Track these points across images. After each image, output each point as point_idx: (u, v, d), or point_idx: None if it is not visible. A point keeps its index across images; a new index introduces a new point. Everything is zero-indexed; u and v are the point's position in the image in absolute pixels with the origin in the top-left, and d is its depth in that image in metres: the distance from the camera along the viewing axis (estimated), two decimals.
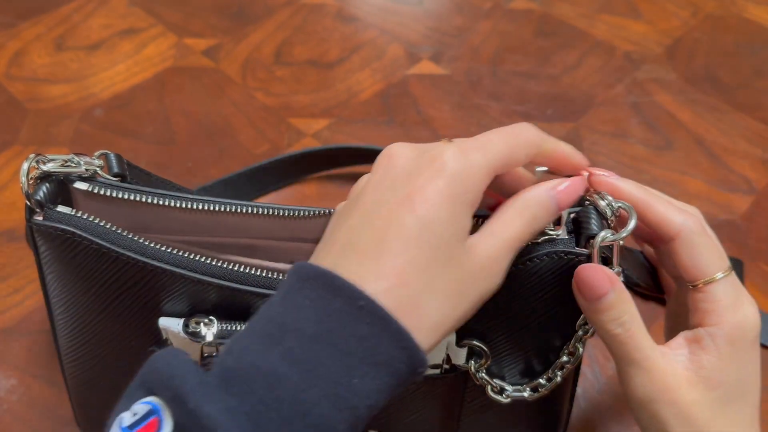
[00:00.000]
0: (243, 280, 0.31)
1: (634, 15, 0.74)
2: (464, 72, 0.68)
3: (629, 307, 0.30)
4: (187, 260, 0.31)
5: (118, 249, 0.30)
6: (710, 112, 0.64)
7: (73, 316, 0.34)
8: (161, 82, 0.66)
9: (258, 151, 0.60)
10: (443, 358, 0.33)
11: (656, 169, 0.59)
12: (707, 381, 0.30)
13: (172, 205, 0.32)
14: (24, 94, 0.65)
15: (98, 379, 0.37)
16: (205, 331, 0.31)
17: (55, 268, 0.32)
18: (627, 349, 0.30)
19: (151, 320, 0.32)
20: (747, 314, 0.30)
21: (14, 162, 0.59)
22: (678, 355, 0.30)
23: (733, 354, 0.30)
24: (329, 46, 0.70)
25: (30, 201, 0.30)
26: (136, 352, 0.34)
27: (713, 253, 0.31)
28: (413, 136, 0.61)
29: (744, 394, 0.30)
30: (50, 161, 0.30)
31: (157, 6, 0.75)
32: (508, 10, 0.75)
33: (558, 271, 0.30)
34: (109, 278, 0.32)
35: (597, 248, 0.29)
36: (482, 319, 0.31)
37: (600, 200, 0.30)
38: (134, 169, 0.34)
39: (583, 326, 0.32)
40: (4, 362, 0.47)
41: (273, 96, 0.65)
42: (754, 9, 0.75)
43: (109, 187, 0.32)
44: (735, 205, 0.56)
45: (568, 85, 0.66)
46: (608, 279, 0.29)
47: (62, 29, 0.72)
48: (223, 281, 0.31)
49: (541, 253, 0.30)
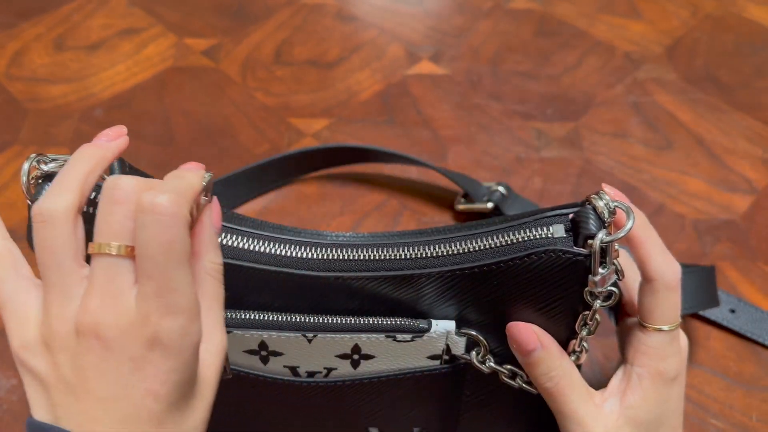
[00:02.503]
0: (248, 257, 0.31)
1: (634, 15, 0.74)
2: (464, 72, 0.68)
3: (559, 363, 0.33)
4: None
5: None
6: (710, 112, 0.64)
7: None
8: (161, 82, 0.66)
9: (258, 151, 0.60)
10: (443, 349, 0.33)
11: (656, 169, 0.59)
12: (633, 420, 0.33)
13: None
14: (24, 94, 0.65)
15: None
16: None
17: None
18: (558, 402, 0.33)
19: None
20: (670, 364, 0.33)
21: (14, 162, 0.59)
22: (609, 403, 0.33)
23: (655, 394, 0.33)
24: (329, 46, 0.70)
25: (32, 201, 0.30)
26: None
27: (672, 309, 0.33)
28: (413, 136, 0.61)
29: (663, 425, 0.34)
30: (51, 161, 0.30)
31: (157, 6, 0.75)
32: (508, 10, 0.75)
33: (555, 269, 0.30)
34: None
35: (598, 248, 0.29)
36: (482, 310, 0.32)
37: (598, 200, 0.30)
38: (135, 171, 0.34)
39: (583, 326, 0.32)
40: (4, 362, 0.47)
41: (273, 96, 0.65)
42: (754, 9, 0.75)
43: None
44: (735, 205, 0.56)
45: (568, 84, 0.66)
46: (535, 336, 0.32)
47: (62, 29, 0.72)
48: (230, 260, 0.31)
49: (539, 251, 0.30)
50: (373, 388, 0.35)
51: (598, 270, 0.29)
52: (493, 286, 0.31)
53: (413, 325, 0.32)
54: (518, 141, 0.61)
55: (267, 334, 0.32)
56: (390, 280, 0.31)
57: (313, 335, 0.32)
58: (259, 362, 0.33)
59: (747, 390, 0.46)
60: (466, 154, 0.60)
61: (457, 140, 0.61)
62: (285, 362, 0.33)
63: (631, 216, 0.29)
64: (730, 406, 0.45)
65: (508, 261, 0.30)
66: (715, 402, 0.45)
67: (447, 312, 0.32)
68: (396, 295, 0.31)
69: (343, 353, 0.33)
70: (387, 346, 0.33)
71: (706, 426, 0.44)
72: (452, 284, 0.31)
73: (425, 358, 0.33)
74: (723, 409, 0.45)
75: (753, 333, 0.48)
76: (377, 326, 0.32)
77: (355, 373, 0.34)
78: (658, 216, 0.56)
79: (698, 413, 0.45)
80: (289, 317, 0.32)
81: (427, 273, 0.30)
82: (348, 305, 0.32)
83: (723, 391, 0.46)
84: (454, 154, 0.60)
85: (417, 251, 0.31)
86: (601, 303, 0.31)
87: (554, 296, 0.31)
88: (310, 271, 0.31)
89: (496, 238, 0.30)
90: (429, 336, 0.32)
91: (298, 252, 0.31)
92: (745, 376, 0.46)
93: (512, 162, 0.59)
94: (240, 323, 0.32)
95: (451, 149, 0.60)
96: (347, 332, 0.32)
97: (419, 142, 0.61)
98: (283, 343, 0.32)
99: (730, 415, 0.45)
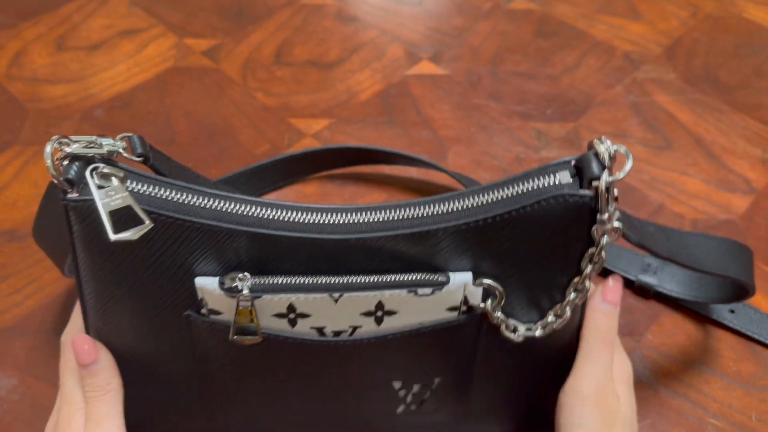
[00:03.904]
0: (274, 225, 0.32)
1: (633, 15, 0.74)
2: (464, 72, 0.68)
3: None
4: (219, 212, 0.32)
5: (154, 210, 0.32)
6: (710, 112, 0.64)
7: (105, 291, 0.35)
8: (162, 82, 0.66)
9: (258, 152, 0.60)
10: (461, 300, 0.35)
11: (655, 169, 0.59)
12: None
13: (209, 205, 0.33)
14: (24, 95, 0.65)
15: (126, 354, 0.38)
16: (241, 285, 0.33)
17: (91, 243, 0.33)
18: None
19: (185, 283, 0.34)
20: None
21: (15, 162, 0.59)
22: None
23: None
24: (329, 47, 0.70)
25: (59, 181, 0.31)
26: (169, 321, 0.35)
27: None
28: (413, 137, 0.61)
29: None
30: (74, 143, 0.31)
31: (158, 6, 0.75)
32: (508, 10, 0.75)
33: (563, 212, 0.32)
34: (146, 243, 0.32)
35: (604, 187, 0.31)
36: (494, 262, 0.33)
37: (600, 145, 0.32)
38: (156, 152, 0.35)
39: (589, 263, 0.34)
40: (4, 362, 0.47)
41: (273, 96, 0.65)
42: (753, 9, 0.75)
43: (144, 181, 0.32)
44: (734, 205, 0.56)
45: (567, 85, 0.66)
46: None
47: (63, 29, 0.72)
48: (255, 228, 0.32)
49: (547, 196, 0.32)
50: (395, 343, 0.36)
51: (606, 207, 0.31)
52: (505, 236, 0.33)
53: (433, 279, 0.33)
54: (518, 141, 0.61)
55: (295, 296, 0.33)
56: (408, 237, 0.32)
57: (339, 295, 0.33)
58: (287, 325, 0.35)
59: (746, 389, 0.46)
60: (465, 154, 0.60)
61: (457, 140, 0.61)
62: (312, 323, 0.35)
63: (630, 156, 0.32)
64: (730, 406, 0.45)
65: (519, 209, 0.32)
66: (715, 401, 0.45)
67: (462, 266, 0.34)
68: (413, 252, 0.33)
69: (367, 311, 0.34)
70: (409, 301, 0.34)
71: (705, 425, 0.44)
72: (467, 237, 0.33)
73: (444, 310, 0.35)
74: (722, 408, 0.45)
75: (752, 332, 0.48)
76: (399, 282, 0.33)
77: (379, 329, 0.35)
78: (658, 216, 0.56)
79: (697, 413, 0.45)
80: (315, 279, 0.33)
81: (443, 228, 0.32)
82: (368, 265, 0.33)
83: (722, 391, 0.46)
84: (454, 154, 0.60)
85: (432, 208, 0.33)
86: (607, 239, 0.33)
87: (564, 239, 0.33)
88: (331, 235, 0.32)
89: (507, 190, 0.32)
90: (447, 288, 0.34)
91: (318, 218, 0.33)
92: (744, 375, 0.47)
93: (512, 162, 0.59)
94: (269, 288, 0.33)
95: (451, 149, 0.60)
96: (371, 290, 0.33)
97: (419, 142, 0.61)
98: (310, 304, 0.34)
99: (729, 415, 0.45)
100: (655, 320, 0.49)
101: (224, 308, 0.34)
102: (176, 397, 0.39)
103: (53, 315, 0.49)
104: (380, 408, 0.40)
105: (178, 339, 0.36)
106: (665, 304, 0.50)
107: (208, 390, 0.39)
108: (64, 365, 0.38)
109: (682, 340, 0.48)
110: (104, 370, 0.37)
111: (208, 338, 0.36)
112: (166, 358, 0.37)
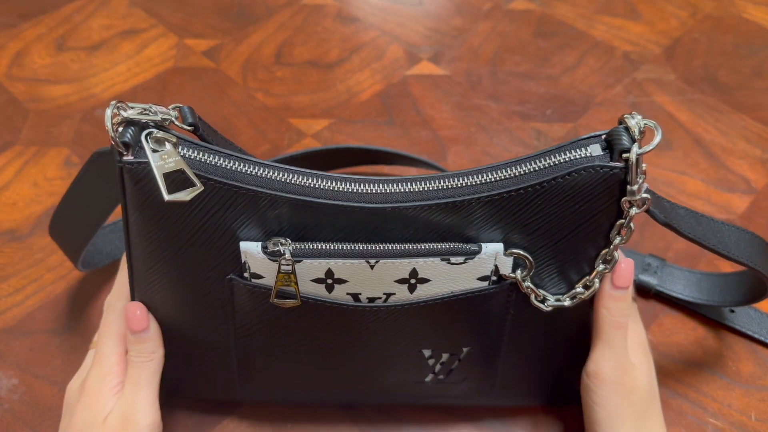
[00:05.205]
0: (314, 193, 0.33)
1: (633, 16, 0.74)
2: (464, 72, 0.68)
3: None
4: (263, 179, 0.33)
5: (204, 174, 0.32)
6: (709, 113, 0.64)
7: (154, 254, 0.36)
8: (162, 82, 0.67)
9: (258, 152, 0.60)
10: (491, 270, 0.35)
11: (655, 169, 0.59)
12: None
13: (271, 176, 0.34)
14: (25, 95, 0.65)
15: (167, 324, 0.39)
16: (283, 249, 0.34)
17: (143, 205, 0.34)
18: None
19: (230, 247, 0.35)
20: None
21: (15, 162, 0.60)
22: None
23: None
24: (329, 47, 0.70)
25: (116, 143, 0.32)
26: (212, 286, 0.36)
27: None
28: (413, 137, 0.61)
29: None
30: (130, 108, 0.32)
31: (158, 7, 0.75)
32: (508, 10, 0.75)
33: (594, 183, 0.33)
34: (195, 207, 0.33)
35: (635, 159, 0.32)
36: (525, 233, 0.34)
37: (630, 119, 0.33)
38: (204, 123, 0.35)
39: (617, 235, 0.35)
40: (5, 362, 0.47)
41: (273, 96, 0.65)
42: (753, 9, 0.75)
43: (195, 147, 0.33)
44: (734, 205, 0.57)
45: (567, 85, 0.67)
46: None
47: (63, 30, 0.72)
48: (297, 195, 0.33)
49: (579, 168, 0.32)
50: (427, 310, 0.37)
51: (636, 179, 0.32)
52: (536, 207, 0.34)
53: (465, 248, 0.34)
54: (518, 141, 0.61)
55: (334, 261, 0.34)
56: (443, 207, 0.33)
57: (376, 261, 0.34)
58: (324, 290, 0.36)
59: (745, 389, 0.46)
60: (465, 154, 0.60)
61: (457, 140, 0.61)
62: (348, 289, 0.36)
63: (659, 130, 0.33)
64: (729, 405, 0.45)
65: (551, 180, 0.33)
66: (714, 401, 0.45)
67: (493, 236, 0.35)
68: (447, 222, 0.34)
69: (401, 278, 0.35)
70: (441, 269, 0.35)
71: (704, 425, 0.44)
72: (500, 207, 0.34)
73: (475, 279, 0.36)
74: (721, 408, 0.45)
75: (752, 332, 0.48)
76: (433, 250, 0.34)
77: (412, 297, 0.36)
78: None
79: (697, 412, 0.45)
80: (353, 246, 0.34)
81: (477, 198, 0.33)
82: (402, 234, 0.34)
83: (721, 390, 0.46)
84: (454, 154, 0.60)
85: (466, 180, 0.34)
86: (636, 210, 0.33)
87: (593, 210, 0.34)
88: (369, 204, 0.33)
89: (539, 162, 0.33)
90: (479, 257, 0.35)
91: (356, 187, 0.34)
92: (743, 375, 0.47)
93: None
94: (309, 253, 0.34)
95: (451, 149, 0.60)
96: (406, 257, 0.34)
97: (419, 142, 0.61)
98: (347, 270, 0.35)
99: (729, 414, 0.45)
100: (654, 320, 0.49)
101: (266, 272, 0.35)
102: (212, 367, 0.41)
103: (53, 315, 0.49)
104: (409, 376, 0.41)
105: (220, 305, 0.37)
106: (665, 304, 0.50)
107: (245, 357, 0.40)
108: (105, 328, 0.39)
109: (681, 340, 0.48)
110: (152, 339, 0.38)
111: (249, 302, 0.37)
112: (206, 327, 0.38)
